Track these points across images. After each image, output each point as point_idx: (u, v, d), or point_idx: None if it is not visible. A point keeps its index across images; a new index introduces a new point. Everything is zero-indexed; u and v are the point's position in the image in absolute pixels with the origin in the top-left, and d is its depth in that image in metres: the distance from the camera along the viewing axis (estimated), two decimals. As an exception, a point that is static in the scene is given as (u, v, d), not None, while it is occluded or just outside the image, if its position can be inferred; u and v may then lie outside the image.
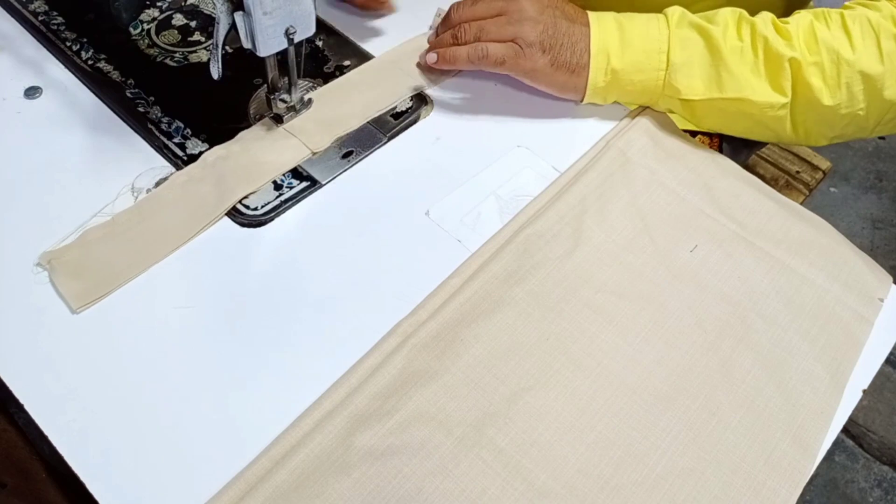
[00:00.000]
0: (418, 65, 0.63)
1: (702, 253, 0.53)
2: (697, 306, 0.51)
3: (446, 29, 0.61)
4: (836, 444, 1.20)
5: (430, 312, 0.48)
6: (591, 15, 0.58)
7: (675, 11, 0.57)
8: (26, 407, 0.44)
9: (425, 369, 0.46)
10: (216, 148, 0.56)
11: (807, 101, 0.55)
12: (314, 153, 0.57)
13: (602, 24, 0.57)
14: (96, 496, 0.41)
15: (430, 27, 0.66)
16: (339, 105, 0.60)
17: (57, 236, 0.51)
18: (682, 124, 0.61)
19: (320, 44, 0.65)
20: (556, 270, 0.51)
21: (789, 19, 0.56)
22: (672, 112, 0.60)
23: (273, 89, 0.55)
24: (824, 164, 1.04)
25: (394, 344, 0.47)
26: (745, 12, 0.57)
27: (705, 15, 0.57)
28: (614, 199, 0.55)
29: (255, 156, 0.56)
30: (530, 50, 0.56)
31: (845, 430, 1.34)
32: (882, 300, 0.53)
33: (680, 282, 0.52)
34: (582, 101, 0.60)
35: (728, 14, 0.56)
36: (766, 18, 0.56)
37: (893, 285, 0.54)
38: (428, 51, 0.61)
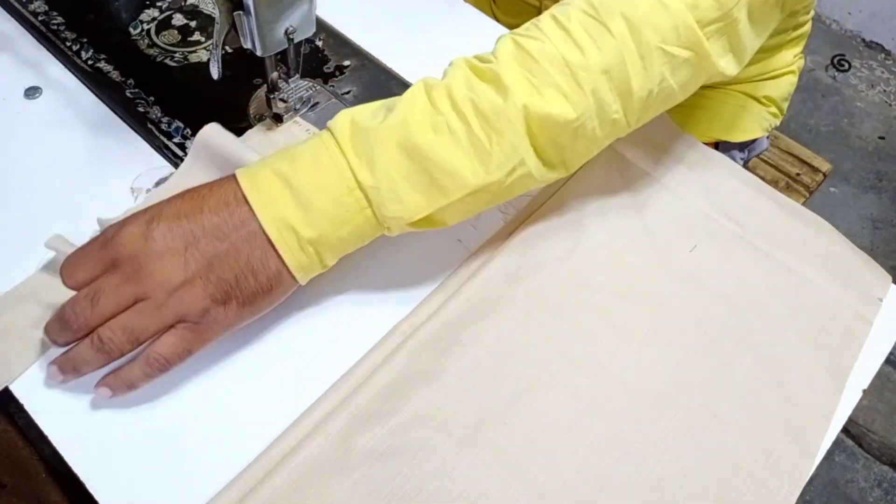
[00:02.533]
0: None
1: (701, 253, 0.53)
2: (697, 306, 0.51)
3: (71, 337, 0.42)
4: (836, 444, 1.20)
5: (430, 312, 0.48)
6: (245, 187, 0.42)
7: (342, 121, 0.43)
8: (26, 407, 0.44)
9: (425, 370, 0.46)
10: None
11: (549, 139, 0.44)
12: None
13: (264, 194, 0.41)
14: (96, 496, 0.41)
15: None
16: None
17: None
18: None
19: (320, 44, 0.65)
20: (555, 270, 0.51)
21: (490, 55, 0.45)
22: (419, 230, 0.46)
23: (273, 89, 0.55)
24: (825, 166, 1.04)
25: (393, 344, 0.47)
26: (430, 80, 0.44)
27: (384, 103, 0.44)
28: (614, 199, 0.55)
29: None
30: (207, 317, 0.41)
31: (845, 430, 1.34)
32: (881, 300, 0.53)
33: (680, 282, 0.52)
34: (303, 283, 0.44)
35: (412, 93, 0.44)
36: (458, 75, 0.44)
37: (893, 285, 0.54)
38: (63, 372, 0.42)
